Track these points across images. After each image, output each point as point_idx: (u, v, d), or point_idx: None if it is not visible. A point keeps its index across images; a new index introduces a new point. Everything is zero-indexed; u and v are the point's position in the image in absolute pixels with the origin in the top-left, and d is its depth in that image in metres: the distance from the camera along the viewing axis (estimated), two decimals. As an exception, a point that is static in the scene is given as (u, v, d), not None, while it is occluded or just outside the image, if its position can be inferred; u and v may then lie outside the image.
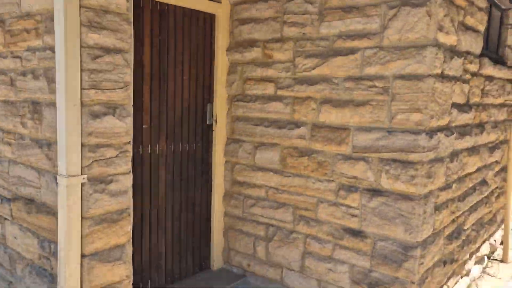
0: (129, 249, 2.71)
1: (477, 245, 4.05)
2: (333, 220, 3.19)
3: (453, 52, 2.94)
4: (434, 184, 2.88)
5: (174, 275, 3.62)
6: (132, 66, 2.64)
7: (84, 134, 2.42)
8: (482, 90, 3.67)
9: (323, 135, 3.20)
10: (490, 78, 3.83)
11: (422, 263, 2.84)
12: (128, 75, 2.59)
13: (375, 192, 2.96)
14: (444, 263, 3.24)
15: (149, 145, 3.29)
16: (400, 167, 2.84)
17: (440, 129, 2.90)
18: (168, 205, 3.49)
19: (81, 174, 2.43)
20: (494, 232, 4.70)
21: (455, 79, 3.02)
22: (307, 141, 3.29)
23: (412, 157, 2.77)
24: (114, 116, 2.53)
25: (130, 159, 2.67)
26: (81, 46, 2.34)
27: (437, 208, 3.01)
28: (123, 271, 2.67)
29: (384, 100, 2.86)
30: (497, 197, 4.66)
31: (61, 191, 2.38)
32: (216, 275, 3.82)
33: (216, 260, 3.93)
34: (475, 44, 3.32)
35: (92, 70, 2.40)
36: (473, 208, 3.82)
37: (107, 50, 2.46)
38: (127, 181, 2.66)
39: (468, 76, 3.28)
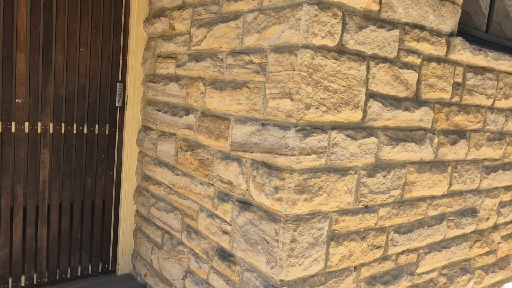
0: None
1: (450, 296, 2.99)
2: (209, 235, 2.49)
3: (371, 20, 2.07)
4: (318, 204, 2.05)
5: (61, 274, 3.18)
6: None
7: None
8: (459, 84, 2.65)
9: (206, 125, 2.51)
10: (478, 70, 2.77)
11: (288, 311, 2.03)
12: None
13: (244, 204, 2.21)
14: (356, 314, 2.35)
15: (26, 123, 2.88)
16: (266, 174, 2.06)
17: (339, 127, 2.05)
18: (53, 195, 3.06)
19: None
20: (501, 281, 3.51)
21: (376, 59, 2.14)
22: (195, 132, 2.62)
23: (279, 161, 1.98)
24: None
25: None
26: None
27: (336, 238, 2.16)
28: None
29: (261, 81, 2.11)
30: (511, 235, 3.48)
31: None
32: (114, 281, 3.31)
33: (123, 264, 3.41)
34: (435, 17, 2.36)
35: None
36: (438, 246, 2.81)
37: None
38: None
39: (416, 60, 2.34)
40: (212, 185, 2.46)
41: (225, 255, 2.34)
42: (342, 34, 1.97)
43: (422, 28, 2.32)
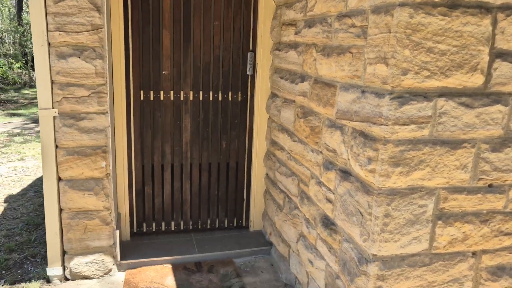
0: (106, 184, 2.92)
1: None
2: (317, 202, 2.51)
3: (498, -37, 1.71)
4: (420, 179, 1.85)
5: (202, 224, 3.65)
6: (105, 10, 2.69)
7: (53, 72, 2.69)
8: None
9: (317, 92, 2.48)
10: None
11: None
12: (98, 18, 2.67)
13: (345, 174, 2.15)
14: (472, 304, 2.10)
15: (171, 92, 3.32)
16: (361, 144, 1.96)
17: (448, 93, 1.80)
18: (194, 155, 3.48)
19: (52, 108, 2.74)
20: None
21: (508, 9, 1.77)
22: (308, 99, 2.62)
23: (374, 131, 1.86)
24: (80, 58, 2.70)
25: (106, 100, 2.80)
26: (44, -10, 2.56)
27: (445, 218, 1.94)
28: (97, 202, 2.91)
29: (362, 45, 1.98)
30: None
31: (40, 122, 2.77)
32: (247, 235, 3.63)
33: (254, 221, 3.71)
34: None
35: (56, 13, 2.61)
36: None
37: (71, -6, 2.60)
38: (103, 121, 2.82)
39: None
40: (321, 152, 2.45)
41: (328, 223, 2.35)
42: (454, -16, 1.69)
43: None
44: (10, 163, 5.83)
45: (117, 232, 3.03)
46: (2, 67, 10.98)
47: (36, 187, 4.89)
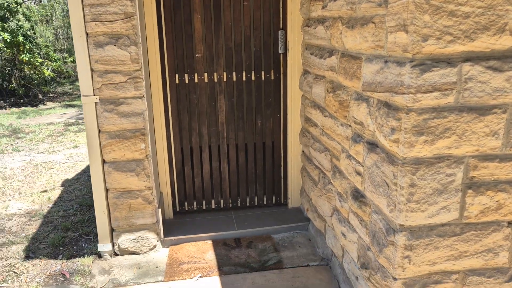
0: (147, 165, 3.08)
1: None
2: (347, 175, 2.52)
3: None
4: (446, 147, 1.81)
5: (241, 202, 3.75)
6: (136, -3, 2.80)
7: (92, 61, 2.85)
8: None
9: (344, 66, 2.46)
10: None
11: (409, 260, 1.94)
12: (130, 7, 2.79)
13: (371, 146, 2.14)
14: None
15: (205, 73, 3.41)
16: (385, 115, 1.94)
17: (475, 58, 1.74)
18: (230, 135, 3.57)
19: (94, 95, 2.91)
20: None
21: (537, -34, 1.67)
22: (336, 74, 2.61)
23: (397, 100, 1.83)
24: (115, 45, 2.83)
25: (142, 85, 2.94)
26: (80, -17, 2.71)
27: (476, 187, 1.90)
28: (139, 182, 3.09)
29: (384, 14, 1.94)
30: None
31: (83, 109, 2.96)
32: (286, 212, 3.70)
33: (292, 198, 3.77)
34: None
35: (91, 5, 2.75)
36: None
37: (104, -16, 2.73)
38: (140, 105, 2.96)
39: None
40: (349, 126, 2.45)
41: (358, 196, 2.35)
42: None
43: None
44: (66, 151, 6.24)
45: (159, 210, 3.20)
46: (57, 61, 11.65)
47: (89, 172, 5.21)
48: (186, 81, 3.40)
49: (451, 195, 1.89)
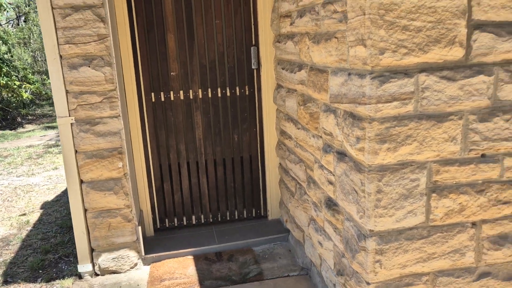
0: (125, 183, 3.10)
1: None
2: (321, 184, 2.59)
3: None
4: (409, 154, 1.90)
5: (222, 216, 3.79)
6: (109, 20, 2.86)
7: (67, 82, 2.89)
8: None
9: (312, 79, 2.56)
10: None
11: (380, 264, 2.01)
12: (103, 28, 2.85)
13: (340, 155, 2.23)
14: (476, 274, 2.12)
15: (181, 91, 3.48)
16: (350, 125, 2.03)
17: (429, 68, 1.84)
18: (208, 150, 3.62)
19: (69, 116, 2.94)
20: None
21: (482, -19, 1.79)
22: (306, 87, 2.70)
23: (360, 111, 1.92)
24: (89, 67, 2.88)
25: (118, 104, 2.98)
26: (52, 8, 2.76)
27: (439, 190, 1.99)
28: (118, 200, 3.10)
29: (344, 30, 2.04)
30: None
31: (59, 130, 2.98)
32: (266, 224, 3.75)
33: (272, 210, 3.82)
34: None
35: (64, 28, 2.80)
36: None
37: (76, 8, 2.78)
38: (117, 124, 3.00)
39: (553, -30, 1.84)
40: (320, 137, 2.53)
41: (331, 204, 2.42)
42: (424, -39, 1.73)
43: None
44: (45, 173, 6.19)
45: (139, 228, 3.21)
46: (36, 84, 11.58)
47: (69, 192, 5.19)
48: (162, 99, 3.46)
49: (416, 199, 1.98)
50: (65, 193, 5.22)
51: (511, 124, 1.97)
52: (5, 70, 9.97)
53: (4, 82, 9.84)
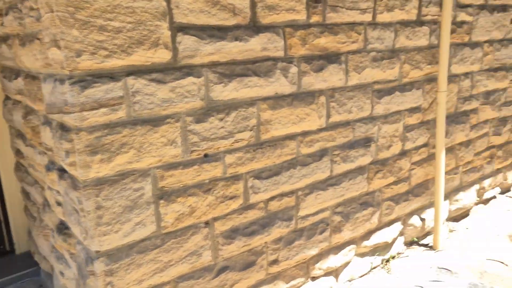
0: None
1: (353, 234, 2.81)
2: (52, 208, 2.27)
3: None
4: (127, 163, 1.79)
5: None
6: None
7: None
8: (317, 1, 2.30)
9: (28, 88, 2.22)
10: (344, -18, 2.41)
11: (112, 286, 1.84)
12: None
13: (61, 172, 1.97)
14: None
15: None
16: (59, 137, 1.80)
17: (137, 71, 1.76)
18: None
19: None
20: (420, 208, 3.33)
21: (178, -16, 1.80)
22: (24, 97, 2.33)
23: (67, 121, 1.71)
24: None
25: None
26: None
27: (167, 196, 1.93)
28: None
29: (42, 30, 1.79)
30: (426, 160, 3.25)
31: None
32: (13, 261, 3.17)
33: (19, 243, 3.26)
34: None
35: None
36: (323, 185, 2.58)
37: None
38: None
39: (244, -21, 1.99)
40: (45, 153, 2.21)
41: (63, 228, 2.15)
42: (114, -42, 1.62)
43: None
44: None
45: None
46: None
47: None
48: None
49: (143, 209, 1.88)
50: None
51: (225, 123, 2.06)
52: None
53: None
